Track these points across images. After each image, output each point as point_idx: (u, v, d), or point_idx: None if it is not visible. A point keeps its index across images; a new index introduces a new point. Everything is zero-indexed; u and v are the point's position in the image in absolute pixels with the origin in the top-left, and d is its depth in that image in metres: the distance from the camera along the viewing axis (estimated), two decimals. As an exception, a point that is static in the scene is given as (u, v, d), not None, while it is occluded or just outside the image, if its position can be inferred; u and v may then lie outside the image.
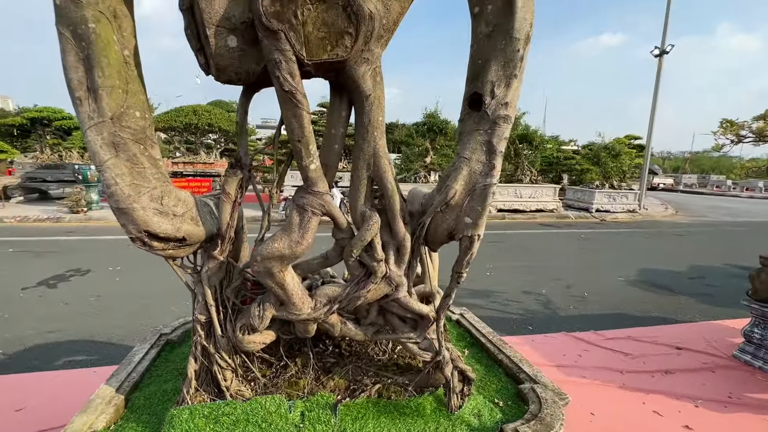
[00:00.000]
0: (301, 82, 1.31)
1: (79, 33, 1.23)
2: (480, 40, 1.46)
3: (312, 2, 1.25)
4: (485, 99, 1.43)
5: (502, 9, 1.37)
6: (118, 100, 1.30)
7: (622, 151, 16.90)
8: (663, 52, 17.14)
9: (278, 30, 1.22)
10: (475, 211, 1.51)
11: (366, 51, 1.36)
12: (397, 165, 19.01)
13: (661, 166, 41.08)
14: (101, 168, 1.30)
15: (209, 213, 1.65)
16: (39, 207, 13.76)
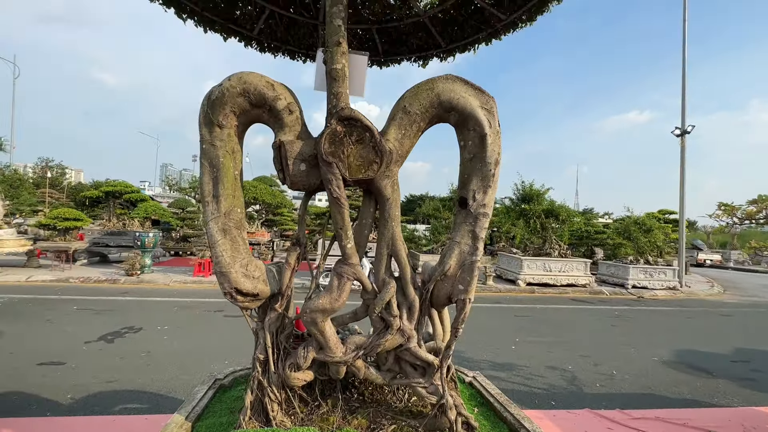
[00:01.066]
0: (344, 192, 2.02)
1: (214, 163, 2.03)
2: (465, 162, 2.15)
3: (353, 144, 2.01)
4: (469, 201, 2.07)
5: (478, 144, 2.07)
6: (230, 202, 2.05)
7: (654, 227, 16.72)
8: (684, 132, 17.74)
9: (332, 162, 1.97)
10: (466, 281, 2.05)
11: (387, 171, 2.07)
12: (426, 237, 19.69)
13: (706, 242, 39.03)
14: (214, 245, 2.00)
15: (273, 277, 2.30)
16: (99, 269, 15.26)
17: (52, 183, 30.04)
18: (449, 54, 3.45)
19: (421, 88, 2.09)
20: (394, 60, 3.62)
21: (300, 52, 3.57)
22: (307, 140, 2.09)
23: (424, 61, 3.58)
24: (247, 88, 1.98)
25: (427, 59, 3.54)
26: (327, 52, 2.10)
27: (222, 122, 2.01)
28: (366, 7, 3.00)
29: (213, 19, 3.11)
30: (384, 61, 3.62)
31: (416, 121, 2.09)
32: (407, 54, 3.53)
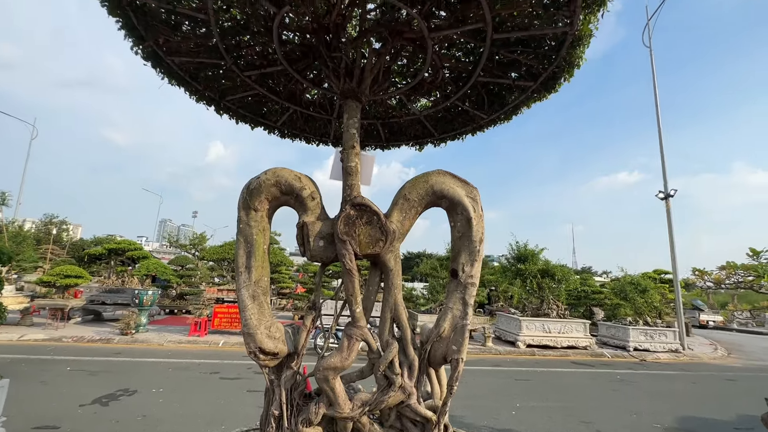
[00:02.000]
0: (355, 264, 2.44)
1: (248, 240, 2.47)
2: (455, 239, 2.60)
3: (364, 225, 2.47)
4: (459, 273, 2.48)
5: (465, 225, 2.54)
6: (259, 272, 2.46)
7: (649, 287, 16.90)
8: (668, 195, 18.69)
9: (346, 240, 2.41)
10: (458, 342, 2.39)
11: (391, 247, 2.51)
12: (424, 296, 19.67)
13: (706, 302, 38.67)
14: (244, 309, 2.36)
15: (289, 337, 2.62)
16: (93, 328, 15.02)
17: (55, 239, 30.37)
18: (442, 141, 4.09)
19: (419, 180, 2.61)
20: (395, 145, 4.26)
21: (315, 138, 4.20)
22: (325, 221, 2.56)
23: (421, 147, 4.21)
24: (279, 180, 2.49)
25: (423, 145, 4.18)
26: (343, 152, 2.65)
27: (257, 207, 2.49)
28: (372, 109, 3.67)
29: (245, 114, 3.76)
30: (386, 146, 4.25)
31: (414, 206, 2.58)
32: (406, 141, 4.17)
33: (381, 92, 3.31)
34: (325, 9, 2.59)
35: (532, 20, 2.60)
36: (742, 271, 20.78)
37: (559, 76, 3.00)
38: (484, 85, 3.33)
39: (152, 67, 3.20)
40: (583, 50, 2.74)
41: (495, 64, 3.05)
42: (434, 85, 3.34)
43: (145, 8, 2.72)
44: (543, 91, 3.18)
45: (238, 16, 2.81)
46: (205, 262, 23.42)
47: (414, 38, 2.83)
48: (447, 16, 2.64)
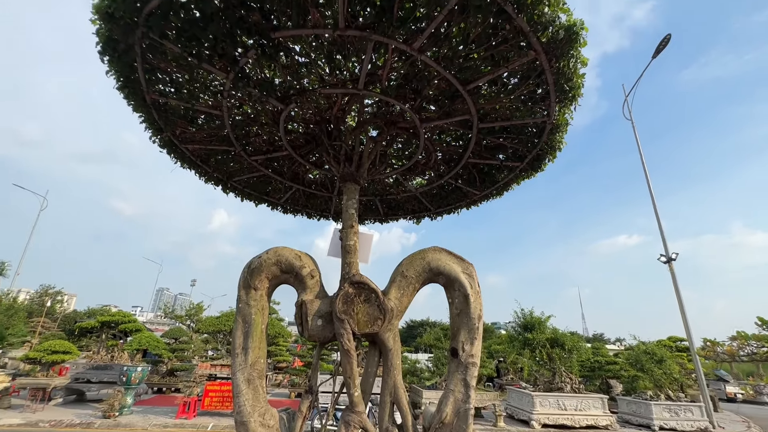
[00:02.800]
0: (353, 345, 2.41)
1: (246, 320, 2.47)
2: (454, 316, 2.60)
3: (362, 303, 2.49)
4: (460, 352, 2.44)
5: (463, 302, 2.56)
6: (256, 354, 2.42)
7: (666, 356, 16.02)
8: (670, 259, 18.59)
9: (344, 319, 2.42)
10: (462, 429, 2.27)
11: (389, 325, 2.51)
12: (429, 369, 18.54)
13: (730, 372, 36.24)
14: (238, 394, 2.28)
15: (284, 425, 2.49)
16: (74, 410, 13.97)
17: (47, 311, 29.56)
18: (438, 215, 4.26)
19: (415, 257, 2.68)
20: (394, 219, 4.42)
21: (316, 214, 4.39)
22: (324, 299, 2.59)
23: (418, 220, 4.37)
24: (279, 259, 2.57)
25: (420, 219, 4.34)
26: (342, 231, 2.77)
27: (257, 285, 2.54)
28: (371, 187, 3.89)
29: (251, 193, 3.98)
30: (385, 220, 4.41)
31: (412, 283, 2.63)
32: (404, 215, 4.35)
33: (378, 174, 3.54)
34: (327, 105, 2.91)
35: (513, 112, 2.90)
36: (755, 342, 19.80)
37: (543, 158, 3.24)
38: (474, 165, 3.58)
39: (167, 154, 3.48)
40: (562, 136, 3.00)
41: (483, 148, 3.32)
42: (428, 166, 3.59)
43: (166, 106, 3.04)
44: (530, 170, 3.41)
45: (248, 111, 3.13)
46: (199, 335, 22.51)
47: (407, 127, 3.12)
48: (436, 109, 2.94)
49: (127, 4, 2.22)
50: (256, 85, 2.72)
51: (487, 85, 2.74)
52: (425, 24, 2.37)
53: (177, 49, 2.51)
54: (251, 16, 2.35)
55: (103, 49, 2.58)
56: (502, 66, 2.53)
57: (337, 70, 2.75)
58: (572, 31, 2.33)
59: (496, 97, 2.74)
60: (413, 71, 2.66)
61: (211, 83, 2.83)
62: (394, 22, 2.37)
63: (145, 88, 2.79)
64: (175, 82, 2.81)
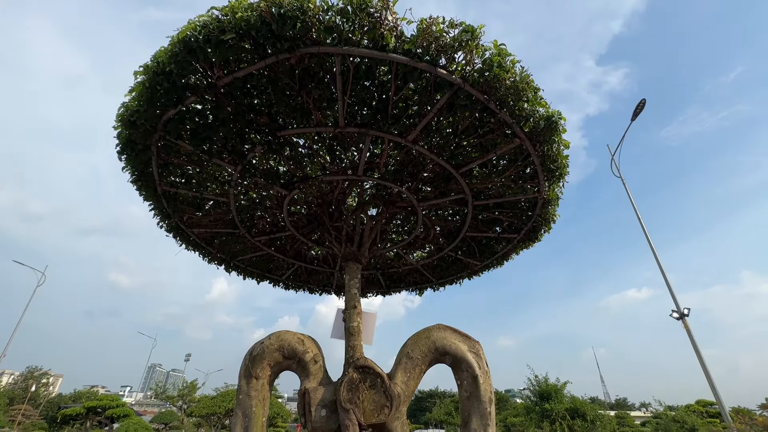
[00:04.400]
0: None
1: (246, 413, 2.36)
2: (464, 400, 2.48)
3: (367, 390, 2.40)
4: None
5: (472, 383, 2.46)
6: None
7: (697, 425, 14.78)
8: (682, 315, 17.96)
9: (349, 409, 2.31)
10: None
11: (397, 413, 2.39)
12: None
13: (772, 438, 32.90)
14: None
15: None
16: None
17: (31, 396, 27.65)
18: (440, 286, 4.25)
19: (420, 336, 2.64)
20: (396, 291, 4.40)
21: (317, 289, 4.38)
22: (327, 386, 2.49)
23: (420, 292, 4.34)
24: (282, 344, 2.52)
25: (422, 290, 4.32)
26: (345, 312, 2.76)
27: (259, 374, 2.46)
28: (372, 261, 3.94)
29: (253, 271, 4.02)
30: (387, 293, 4.39)
31: (418, 365, 2.55)
32: (406, 287, 4.34)
33: (379, 251, 3.61)
34: (328, 189, 3.07)
35: (506, 189, 3.06)
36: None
37: (539, 229, 3.34)
38: (473, 238, 3.67)
39: (173, 238, 3.58)
40: (554, 209, 3.13)
41: (480, 222, 3.43)
42: (427, 240, 3.68)
43: (175, 195, 3.21)
44: (527, 241, 3.50)
45: (254, 196, 3.30)
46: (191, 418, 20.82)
47: (405, 206, 3.26)
48: (432, 189, 3.11)
49: (148, 114, 2.47)
50: (262, 174, 2.91)
51: (478, 168, 2.92)
52: (417, 120, 2.61)
53: (190, 147, 2.73)
54: (260, 119, 2.60)
55: (122, 149, 2.80)
56: (491, 151, 2.74)
57: (338, 160, 2.96)
58: (552, 121, 2.56)
59: (488, 177, 2.91)
60: (409, 158, 2.87)
61: (219, 174, 3.02)
62: (389, 119, 2.61)
63: (157, 180, 2.97)
64: (185, 174, 3.00)
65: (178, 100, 2.39)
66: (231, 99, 2.47)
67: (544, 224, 3.27)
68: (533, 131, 2.55)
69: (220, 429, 16.75)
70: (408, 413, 2.55)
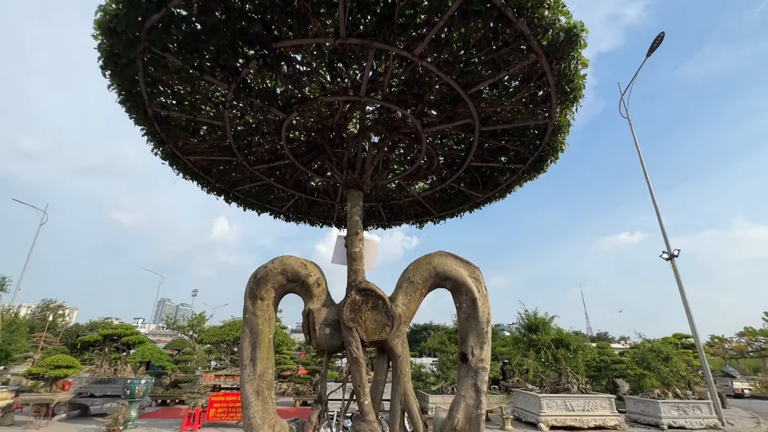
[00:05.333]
0: (362, 353, 2.39)
1: (254, 330, 2.46)
2: (462, 321, 2.58)
3: (369, 311, 2.48)
4: (469, 357, 2.42)
5: (471, 306, 2.55)
6: (264, 364, 2.40)
7: (672, 354, 15.93)
8: (672, 255, 18.55)
9: (352, 327, 2.40)
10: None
11: (398, 332, 2.49)
12: (434, 373, 18.42)
13: (737, 367, 35.99)
14: (247, 406, 2.26)
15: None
16: (78, 425, 13.86)
17: (49, 326, 29.44)
18: (441, 219, 4.25)
19: (421, 262, 2.67)
20: (397, 224, 4.42)
21: (319, 221, 4.38)
22: (330, 307, 2.57)
23: (421, 225, 4.36)
24: (285, 268, 2.56)
25: (423, 223, 4.33)
26: (348, 238, 2.77)
27: (264, 295, 2.53)
28: (373, 193, 3.89)
29: (253, 202, 3.98)
30: (388, 225, 4.41)
31: (419, 289, 2.61)
32: (407, 220, 4.34)
33: (381, 179, 3.54)
34: (329, 113, 2.91)
35: (515, 114, 2.91)
36: (763, 338, 19.72)
37: (546, 159, 3.24)
38: (476, 169, 3.59)
39: (169, 165, 3.48)
40: (564, 137, 3.01)
41: (485, 151, 3.32)
42: (430, 170, 3.59)
43: (168, 118, 3.05)
44: (532, 171, 3.42)
45: (251, 120, 3.14)
46: (202, 345, 22.39)
47: (409, 132, 3.12)
48: (438, 114, 2.95)
49: (129, 20, 2.23)
50: (258, 95, 2.73)
51: (488, 89, 2.75)
52: (426, 30, 2.39)
53: (179, 61, 2.53)
54: (253, 27, 2.37)
55: (105, 63, 2.59)
56: (503, 69, 2.55)
57: (339, 78, 2.76)
58: (572, 33, 2.34)
59: (498, 100, 2.74)
60: (414, 77, 2.68)
61: (212, 95, 2.83)
62: (395, 30, 2.38)
63: (147, 101, 2.80)
64: (176, 94, 2.82)
65: (161, 1, 2.14)
66: (219, 1, 2.22)
67: (552, 154, 3.17)
68: (551, 45, 2.34)
69: (229, 354, 18.09)
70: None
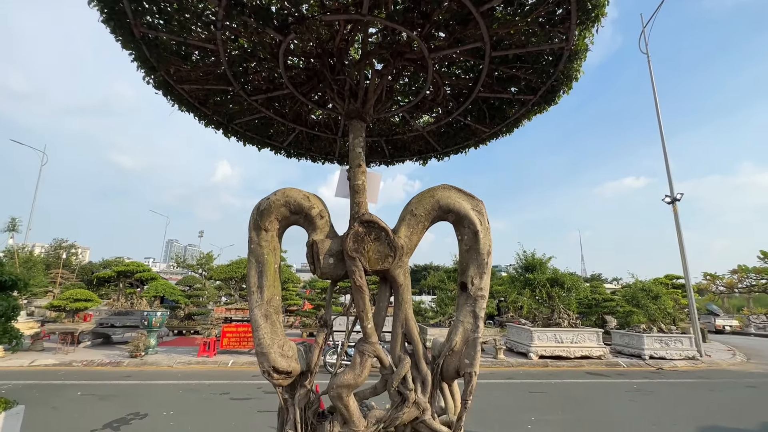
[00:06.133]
0: (365, 281, 2.47)
1: (260, 260, 2.52)
2: (463, 252, 2.63)
3: (372, 242, 2.51)
4: (469, 286, 2.50)
5: (472, 238, 2.57)
6: (271, 291, 2.50)
7: (661, 293, 16.63)
8: (674, 199, 18.57)
9: (355, 257, 2.45)
10: (471, 355, 2.39)
11: (400, 262, 2.55)
12: (433, 309, 19.49)
13: (721, 306, 37.82)
14: (257, 329, 2.39)
15: (301, 356, 2.64)
16: (102, 351, 15.03)
17: (64, 263, 30.66)
18: (445, 155, 4.16)
19: (425, 195, 2.65)
20: (400, 160, 4.33)
21: (320, 157, 4.30)
22: (334, 239, 2.61)
23: (424, 161, 4.27)
24: (288, 200, 2.55)
25: (426, 160, 4.24)
26: (350, 171, 2.71)
27: (267, 227, 2.55)
28: (376, 127, 3.75)
29: (252, 136, 3.87)
30: (391, 162, 4.32)
31: (421, 221, 2.62)
32: (410, 156, 4.25)
33: (385, 111, 3.39)
34: (329, 35, 2.70)
35: (529, 37, 2.69)
36: (754, 275, 20.41)
37: (558, 89, 3.07)
38: (484, 100, 3.41)
39: (163, 95, 3.32)
40: (580, 64, 2.81)
41: (495, 80, 3.13)
42: (436, 102, 3.42)
43: (156, 41, 2.85)
44: (543, 103, 3.25)
45: (245, 44, 2.93)
46: (212, 282, 23.47)
47: (415, 58, 2.92)
48: (446, 36, 2.73)
49: None
50: (252, 12, 2.51)
51: (502, 7, 2.51)
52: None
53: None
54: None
55: (80, -26, 2.34)
56: (520, -18, 2.30)
57: (339, -7, 2.51)
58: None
59: (511, 20, 2.52)
60: (421, -9, 2.43)
61: (202, 12, 2.61)
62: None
63: (132, 19, 2.59)
64: (163, 11, 2.60)
65: None
66: None
67: (565, 83, 2.99)
68: (577, -50, 2.08)
69: (238, 290, 19.02)
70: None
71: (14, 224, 29.47)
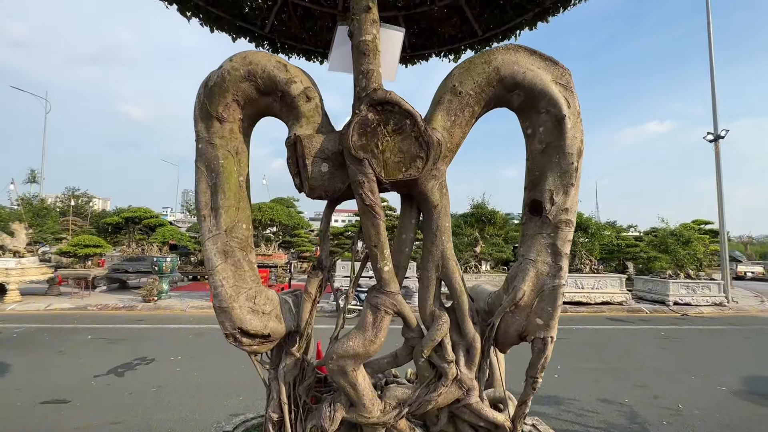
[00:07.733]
0: (379, 198, 1.54)
1: (212, 167, 1.59)
2: (535, 154, 1.64)
3: (390, 135, 1.53)
4: (545, 206, 1.55)
5: (552, 130, 1.57)
6: (232, 216, 1.60)
7: (693, 238, 15.60)
8: (718, 137, 16.77)
9: (363, 158, 1.49)
10: (547, 312, 1.51)
11: (434, 169, 1.59)
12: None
13: (744, 253, 36.68)
14: (212, 272, 1.53)
15: (288, 310, 1.81)
16: (117, 295, 15.11)
17: (77, 211, 30.82)
18: (486, 44, 3.01)
19: (475, 62, 1.62)
20: (421, 56, 3.21)
21: (317, 51, 3.20)
22: (329, 134, 1.64)
23: (456, 55, 3.15)
24: (253, 69, 1.55)
25: (459, 52, 3.11)
26: (352, 21, 1.65)
27: (222, 115, 1.58)
28: None
29: (220, 15, 2.77)
30: (411, 59, 3.20)
31: (469, 105, 1.61)
32: (437, 47, 3.11)
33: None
34: None
35: None
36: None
37: None
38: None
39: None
40: None
41: None
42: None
43: None
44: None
45: None
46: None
47: None
48: None
49: None
50: None
51: None
52: None
53: None
54: None
55: None
56: None
57: None
58: None
59: None
60: None
61: None
62: None
63: None
64: None
65: None
66: None
67: None
68: None
69: (247, 236, 18.64)
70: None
71: (34, 176, 29.26)
